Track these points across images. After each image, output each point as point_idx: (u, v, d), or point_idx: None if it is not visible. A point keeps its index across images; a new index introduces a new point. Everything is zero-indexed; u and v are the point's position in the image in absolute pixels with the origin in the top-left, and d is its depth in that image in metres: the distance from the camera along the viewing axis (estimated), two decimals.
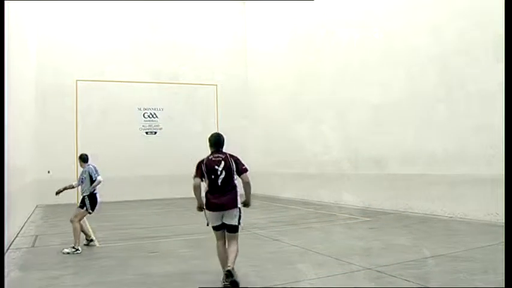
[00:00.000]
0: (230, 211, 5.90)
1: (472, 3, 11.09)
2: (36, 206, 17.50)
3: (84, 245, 8.85)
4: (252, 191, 6.19)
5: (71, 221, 8.60)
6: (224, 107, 22.77)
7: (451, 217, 11.23)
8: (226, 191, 5.95)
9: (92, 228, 11.57)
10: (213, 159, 6.07)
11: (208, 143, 6.37)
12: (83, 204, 8.73)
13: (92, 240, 9.12)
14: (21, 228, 11.70)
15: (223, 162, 6.01)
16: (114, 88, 20.80)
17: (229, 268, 5.45)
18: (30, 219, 13.79)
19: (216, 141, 6.33)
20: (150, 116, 21.49)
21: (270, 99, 21.24)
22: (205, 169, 6.01)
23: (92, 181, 8.76)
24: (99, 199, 8.93)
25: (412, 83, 12.90)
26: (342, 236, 9.73)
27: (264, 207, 16.52)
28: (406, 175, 12.98)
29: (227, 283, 5.38)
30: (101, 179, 8.80)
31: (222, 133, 6.60)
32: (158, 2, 22.03)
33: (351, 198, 14.91)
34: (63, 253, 8.08)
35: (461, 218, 10.94)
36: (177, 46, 22.14)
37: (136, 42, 21.42)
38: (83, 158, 9.08)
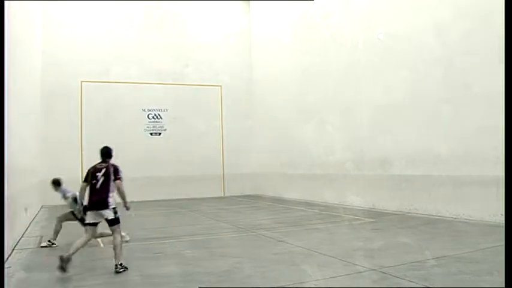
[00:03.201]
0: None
1: (476, 4, 11.07)
2: (42, 206, 17.57)
3: None
4: (256, 192, 6.34)
5: None
6: (228, 108, 22.81)
7: (456, 218, 11.21)
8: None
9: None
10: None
11: None
12: None
13: None
14: (27, 228, 11.75)
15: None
16: (119, 89, 20.86)
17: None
18: (35, 220, 13.84)
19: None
20: (155, 117, 21.54)
21: (274, 100, 21.26)
22: None
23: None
24: None
25: (417, 84, 12.88)
26: (347, 237, 9.73)
27: (268, 208, 16.55)
28: (411, 176, 12.97)
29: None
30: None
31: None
32: (163, 3, 22.11)
33: (355, 199, 14.91)
34: None
35: (466, 219, 10.91)
36: (181, 47, 22.21)
37: (141, 43, 21.49)
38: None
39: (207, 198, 19.83)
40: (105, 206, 6.84)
